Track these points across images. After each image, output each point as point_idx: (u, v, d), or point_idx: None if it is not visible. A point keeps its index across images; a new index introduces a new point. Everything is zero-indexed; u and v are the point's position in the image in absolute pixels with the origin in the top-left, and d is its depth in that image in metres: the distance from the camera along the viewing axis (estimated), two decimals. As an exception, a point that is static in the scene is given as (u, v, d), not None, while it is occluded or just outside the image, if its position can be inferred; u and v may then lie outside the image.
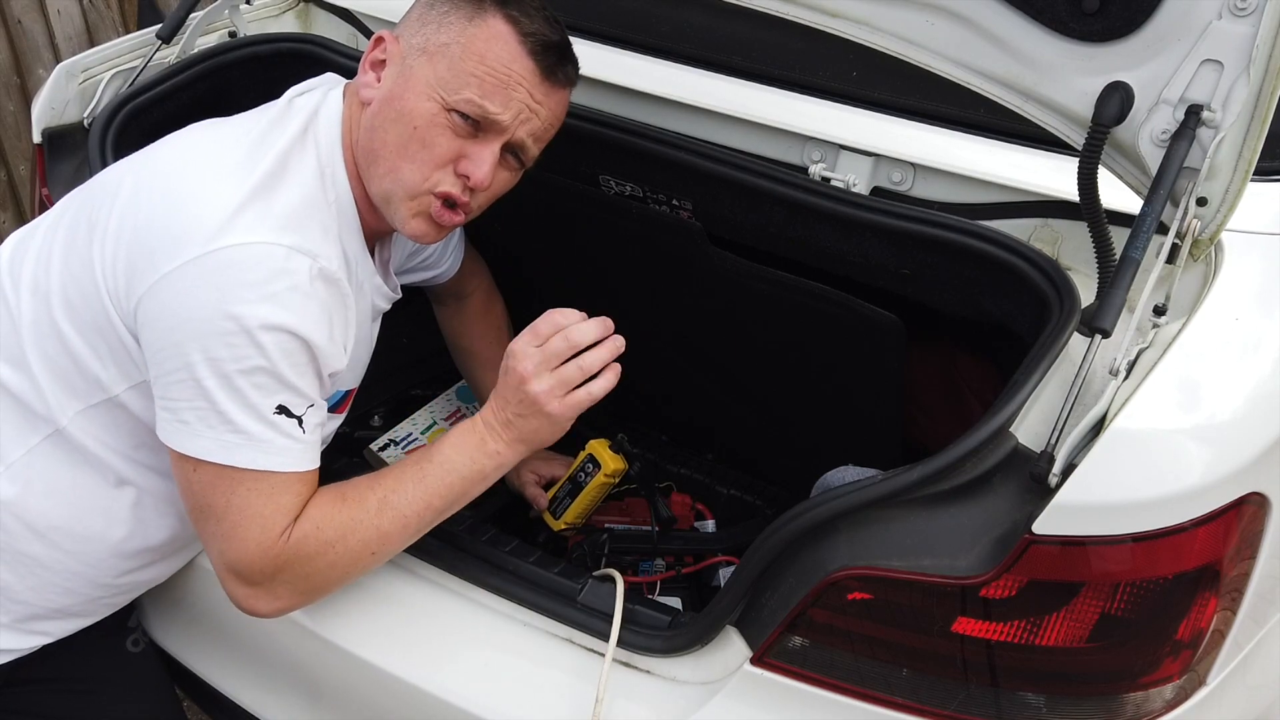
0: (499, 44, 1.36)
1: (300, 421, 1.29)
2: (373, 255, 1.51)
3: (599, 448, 1.78)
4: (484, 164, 1.38)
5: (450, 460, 1.38)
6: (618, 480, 1.78)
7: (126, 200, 1.32)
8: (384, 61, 1.41)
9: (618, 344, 1.39)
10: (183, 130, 1.42)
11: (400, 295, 1.58)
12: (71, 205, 1.41)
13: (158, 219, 1.27)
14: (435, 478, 1.37)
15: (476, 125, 1.37)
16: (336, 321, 1.33)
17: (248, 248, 1.24)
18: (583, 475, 1.78)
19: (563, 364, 1.36)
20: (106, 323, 1.31)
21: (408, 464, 1.39)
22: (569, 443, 1.94)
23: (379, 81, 1.40)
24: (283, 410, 1.27)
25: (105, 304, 1.30)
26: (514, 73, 1.37)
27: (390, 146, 1.37)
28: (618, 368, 1.39)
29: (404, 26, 1.43)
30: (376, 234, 1.50)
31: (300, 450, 1.30)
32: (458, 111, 1.36)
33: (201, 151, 1.36)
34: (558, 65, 1.41)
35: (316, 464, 1.33)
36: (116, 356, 1.33)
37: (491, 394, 1.42)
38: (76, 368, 1.35)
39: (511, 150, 1.42)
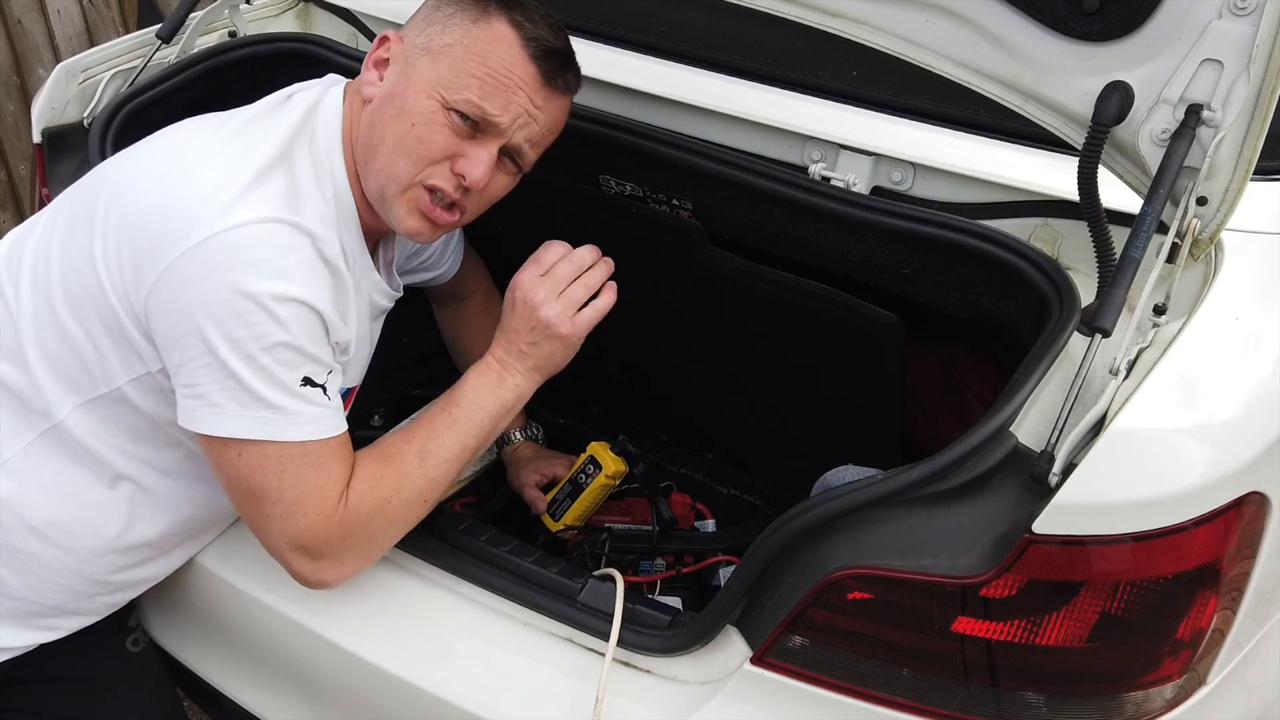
0: (502, 46, 1.37)
1: (324, 389, 1.32)
2: (375, 256, 1.51)
3: (600, 450, 1.78)
4: (480, 164, 1.39)
5: (474, 401, 1.46)
6: (618, 482, 1.78)
7: (125, 191, 1.32)
8: (387, 60, 1.43)
9: (609, 263, 1.51)
10: (176, 124, 1.43)
11: (402, 293, 1.58)
12: (68, 201, 1.42)
13: (158, 207, 1.28)
14: (465, 420, 1.44)
15: (475, 126, 1.38)
16: (338, 296, 1.36)
17: (252, 226, 1.26)
18: (583, 477, 1.78)
19: (568, 287, 1.46)
20: (110, 314, 1.32)
21: (435, 413, 1.45)
22: (570, 444, 1.95)
23: (381, 80, 1.42)
24: (308, 381, 1.29)
25: (109, 296, 1.31)
26: (515, 76, 1.38)
27: (388, 143, 1.38)
28: (614, 285, 1.51)
29: (409, 27, 1.44)
30: (377, 233, 1.50)
31: (331, 415, 1.33)
32: (457, 111, 1.37)
33: (197, 141, 1.37)
34: (559, 71, 1.42)
35: (345, 427, 1.37)
36: (119, 349, 1.33)
37: (498, 331, 1.49)
38: (78, 361, 1.35)
39: (509, 154, 1.43)
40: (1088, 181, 1.30)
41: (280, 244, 1.27)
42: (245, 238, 1.25)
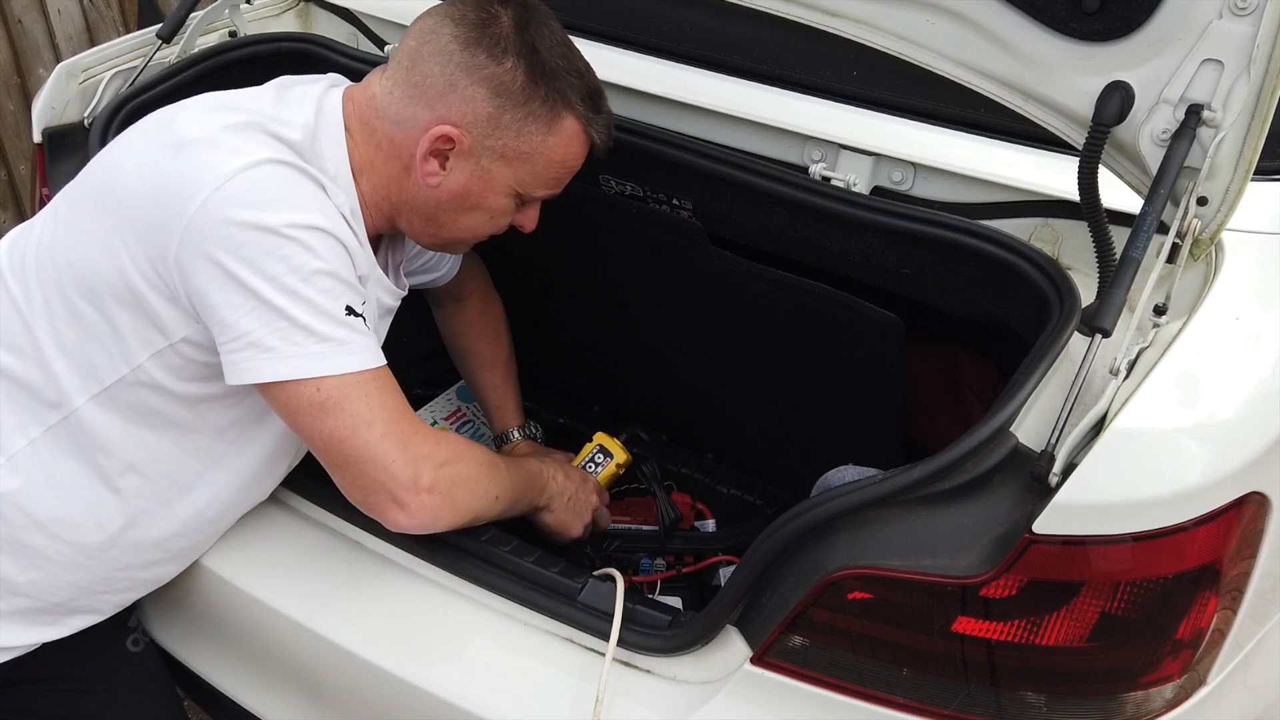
0: (575, 144, 1.47)
1: (364, 320, 1.32)
2: (379, 255, 1.52)
3: (607, 439, 1.80)
4: (535, 220, 1.54)
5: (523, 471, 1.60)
6: (624, 471, 1.80)
7: (126, 168, 1.33)
8: (447, 154, 1.42)
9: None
10: (165, 107, 1.43)
11: (406, 292, 1.59)
12: (66, 193, 1.43)
13: (163, 174, 1.29)
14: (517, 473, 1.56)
15: None
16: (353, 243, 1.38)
17: (258, 168, 1.27)
18: (593, 465, 1.80)
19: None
20: (126, 291, 1.31)
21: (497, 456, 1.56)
22: (571, 443, 1.95)
23: (443, 169, 1.42)
24: (350, 311, 1.30)
25: (127, 274, 1.31)
26: (580, 161, 1.50)
27: (459, 223, 1.49)
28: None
29: (466, 119, 1.40)
30: (381, 235, 1.51)
31: (375, 347, 1.34)
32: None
33: (190, 112, 1.38)
34: (607, 141, 1.51)
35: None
36: (138, 324, 1.33)
37: (564, 469, 1.71)
38: (98, 343, 1.35)
39: None
40: (1088, 181, 1.30)
41: (289, 180, 1.29)
42: (254, 179, 1.26)
